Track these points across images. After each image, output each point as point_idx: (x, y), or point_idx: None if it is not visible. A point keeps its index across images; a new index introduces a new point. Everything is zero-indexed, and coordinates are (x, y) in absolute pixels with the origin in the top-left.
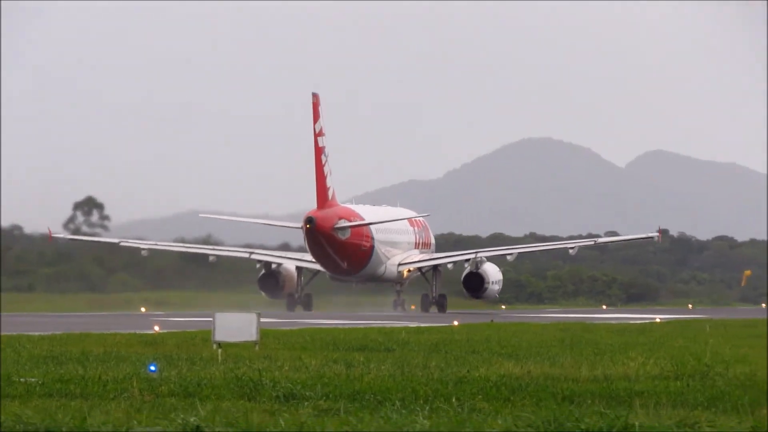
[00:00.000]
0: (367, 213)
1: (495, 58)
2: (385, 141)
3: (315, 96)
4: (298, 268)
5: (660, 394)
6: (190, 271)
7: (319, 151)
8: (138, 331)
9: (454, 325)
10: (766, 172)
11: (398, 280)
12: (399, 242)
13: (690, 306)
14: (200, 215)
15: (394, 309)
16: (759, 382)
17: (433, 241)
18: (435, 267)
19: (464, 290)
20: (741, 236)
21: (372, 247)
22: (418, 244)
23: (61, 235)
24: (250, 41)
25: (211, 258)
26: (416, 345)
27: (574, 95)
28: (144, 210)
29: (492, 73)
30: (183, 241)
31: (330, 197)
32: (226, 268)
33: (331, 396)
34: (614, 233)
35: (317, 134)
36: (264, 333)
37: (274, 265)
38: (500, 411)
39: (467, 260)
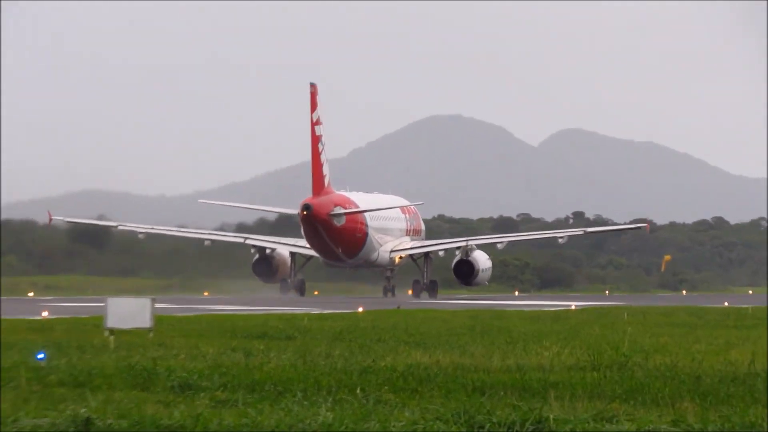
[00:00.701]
0: (362, 200)
1: (404, 32)
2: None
3: (313, 86)
4: (292, 254)
5: (576, 386)
6: (80, 255)
7: (316, 140)
8: (26, 317)
9: (359, 312)
10: None
11: (390, 266)
12: (391, 229)
13: (607, 292)
14: (200, 201)
15: (384, 295)
16: (679, 373)
17: (423, 228)
18: (426, 254)
19: (455, 277)
20: (660, 219)
21: (366, 234)
22: (410, 231)
23: (61, 218)
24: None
25: (206, 242)
26: (319, 332)
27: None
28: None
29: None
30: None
31: (326, 185)
32: (120, 249)
33: (229, 386)
34: (601, 222)
35: (314, 123)
36: (159, 320)
37: (268, 251)
38: (407, 403)
39: (458, 248)
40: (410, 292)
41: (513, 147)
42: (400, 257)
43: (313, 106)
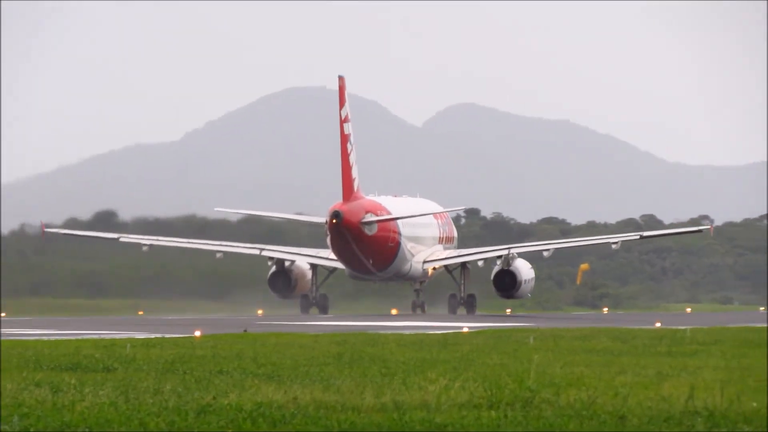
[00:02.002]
0: (392, 205)
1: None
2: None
3: (341, 79)
4: (313, 266)
5: (469, 428)
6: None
7: (344, 139)
8: None
9: (196, 337)
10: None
11: (422, 279)
12: (424, 237)
13: (508, 311)
14: (216, 209)
15: (413, 311)
16: (599, 411)
17: (455, 235)
18: (463, 264)
19: (495, 290)
20: (575, 217)
21: (398, 243)
22: (443, 239)
23: (55, 230)
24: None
25: (218, 255)
26: (146, 363)
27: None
28: None
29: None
30: None
31: (356, 189)
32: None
33: (32, 430)
34: (657, 224)
35: (343, 120)
36: None
37: (287, 263)
38: None
39: (499, 257)
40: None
41: (390, 126)
42: (434, 268)
43: (342, 101)
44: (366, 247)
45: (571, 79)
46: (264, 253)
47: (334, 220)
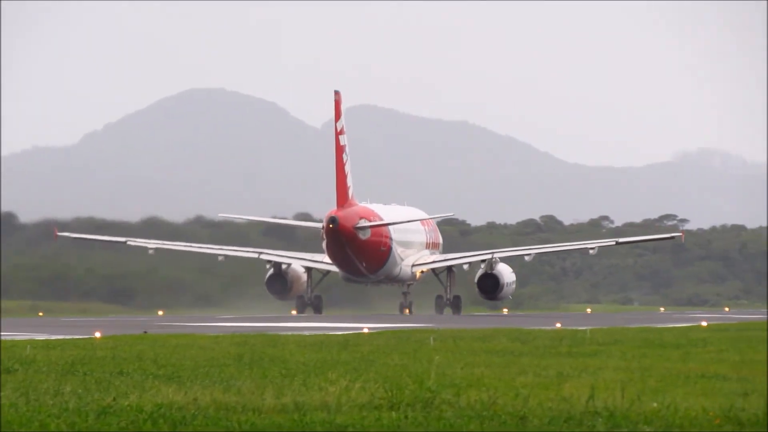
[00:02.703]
0: (385, 212)
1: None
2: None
3: (337, 93)
4: (308, 269)
5: (370, 429)
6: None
7: (340, 150)
8: None
9: (96, 338)
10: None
11: (411, 281)
12: (413, 242)
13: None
14: (219, 215)
15: (400, 312)
16: (500, 412)
17: (441, 240)
18: (449, 268)
19: (478, 292)
20: (475, 218)
21: (390, 248)
22: (429, 244)
23: (67, 234)
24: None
25: (220, 258)
26: (45, 364)
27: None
28: None
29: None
30: None
31: (350, 197)
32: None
33: None
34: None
35: (338, 132)
36: None
37: (284, 266)
38: None
39: (483, 261)
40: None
41: (289, 128)
42: (422, 271)
43: (337, 114)
44: (360, 251)
45: (470, 79)
46: (262, 256)
47: (330, 225)
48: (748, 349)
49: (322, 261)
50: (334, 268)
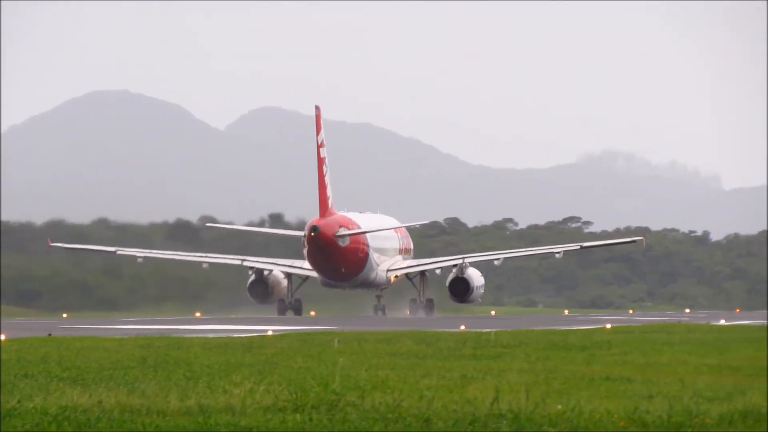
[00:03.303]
0: (361, 220)
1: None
2: None
3: (317, 109)
4: (288, 274)
5: (275, 431)
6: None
7: (320, 162)
8: None
9: (1, 340)
10: None
11: (385, 285)
12: (387, 249)
13: (313, 313)
14: (208, 224)
15: (374, 314)
16: (404, 414)
17: (412, 246)
18: (422, 272)
19: (450, 295)
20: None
21: (367, 254)
22: (402, 250)
23: (60, 245)
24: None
25: (204, 265)
26: None
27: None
28: None
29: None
30: None
31: (330, 206)
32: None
33: None
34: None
35: (319, 145)
36: None
37: (265, 272)
38: None
39: (454, 265)
40: (407, 311)
41: (194, 129)
42: (396, 276)
43: (318, 128)
44: (339, 257)
45: (374, 80)
46: (245, 263)
47: (312, 234)
48: (652, 351)
49: (302, 267)
50: (313, 274)
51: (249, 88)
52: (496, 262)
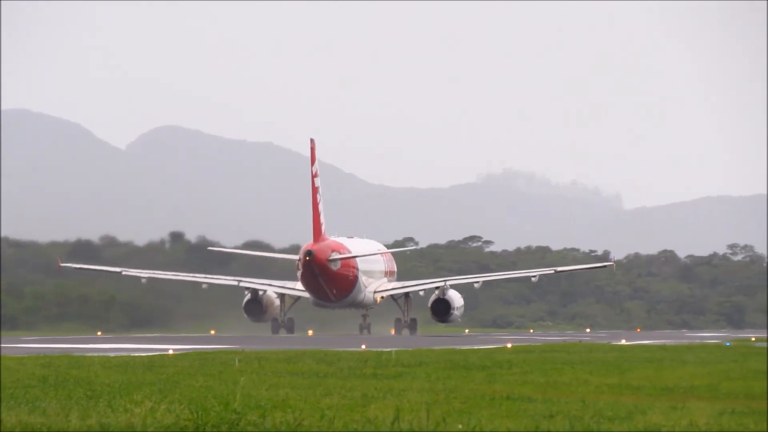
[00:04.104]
0: (351, 245)
1: None
2: None
3: (312, 141)
4: (281, 295)
5: None
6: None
7: (315, 191)
8: None
9: None
10: None
11: (373, 306)
12: (374, 271)
13: (213, 332)
14: (209, 248)
15: (360, 332)
16: None
17: (395, 269)
18: (406, 294)
19: (431, 314)
20: (279, 241)
21: (357, 277)
22: (387, 272)
23: (69, 265)
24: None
25: (204, 286)
26: None
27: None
28: None
29: None
30: None
31: (323, 232)
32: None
33: None
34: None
35: (314, 175)
36: None
37: (261, 292)
38: None
39: (436, 287)
40: (393, 330)
41: (95, 149)
42: (382, 297)
43: (313, 159)
44: (331, 280)
45: (274, 100)
46: (242, 284)
47: (307, 258)
48: (552, 370)
49: (294, 288)
50: (304, 294)
51: (149, 107)
52: (476, 285)
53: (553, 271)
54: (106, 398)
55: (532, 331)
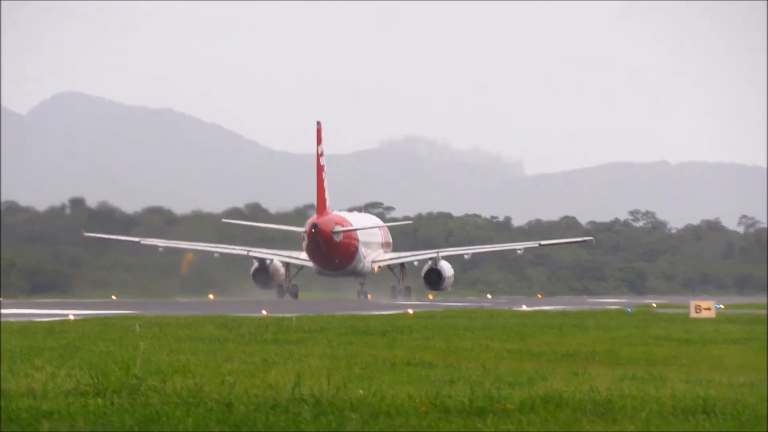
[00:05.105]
0: (352, 218)
1: None
2: None
3: (318, 123)
4: (286, 264)
5: (76, 416)
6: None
7: (320, 169)
8: None
9: None
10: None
11: (370, 274)
12: (373, 243)
13: (114, 297)
14: (223, 220)
15: (357, 298)
16: (206, 399)
17: (391, 241)
18: (402, 263)
19: (424, 283)
20: (182, 206)
21: (357, 248)
22: (384, 244)
23: (92, 234)
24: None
25: (215, 255)
26: None
27: None
28: None
29: None
30: None
31: (327, 206)
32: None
33: None
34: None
35: (319, 155)
36: None
37: (268, 261)
38: None
39: (430, 258)
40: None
41: None
42: (379, 267)
43: (319, 140)
44: (334, 250)
45: (175, 66)
46: (251, 254)
47: (313, 230)
48: (453, 336)
49: (299, 257)
50: (308, 263)
51: (51, 73)
52: (466, 257)
53: (537, 245)
54: (6, 363)
55: (431, 296)
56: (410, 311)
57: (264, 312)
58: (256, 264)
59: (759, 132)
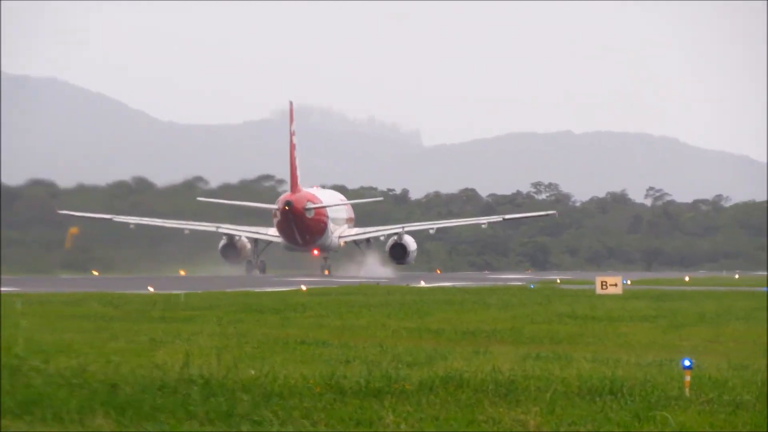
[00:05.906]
0: (321, 195)
1: None
2: None
3: (291, 104)
4: (254, 240)
5: None
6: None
7: (292, 147)
8: None
9: None
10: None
11: (336, 249)
12: (339, 219)
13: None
14: (198, 199)
15: (321, 272)
16: (91, 379)
17: (354, 216)
18: (368, 239)
19: (389, 257)
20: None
21: (326, 224)
22: (348, 219)
23: (66, 212)
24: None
25: (186, 231)
26: None
27: None
28: None
29: None
30: None
31: (299, 184)
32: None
33: None
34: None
35: (292, 134)
36: None
37: (236, 237)
38: None
39: (395, 233)
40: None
41: None
42: (345, 242)
43: (291, 119)
44: (306, 227)
45: (60, 30)
46: (220, 229)
47: (286, 207)
48: (349, 314)
49: (267, 233)
50: (276, 239)
51: None
52: (431, 231)
53: (501, 219)
54: None
55: (327, 272)
56: (303, 288)
57: (151, 288)
58: (224, 240)
59: (667, 101)
